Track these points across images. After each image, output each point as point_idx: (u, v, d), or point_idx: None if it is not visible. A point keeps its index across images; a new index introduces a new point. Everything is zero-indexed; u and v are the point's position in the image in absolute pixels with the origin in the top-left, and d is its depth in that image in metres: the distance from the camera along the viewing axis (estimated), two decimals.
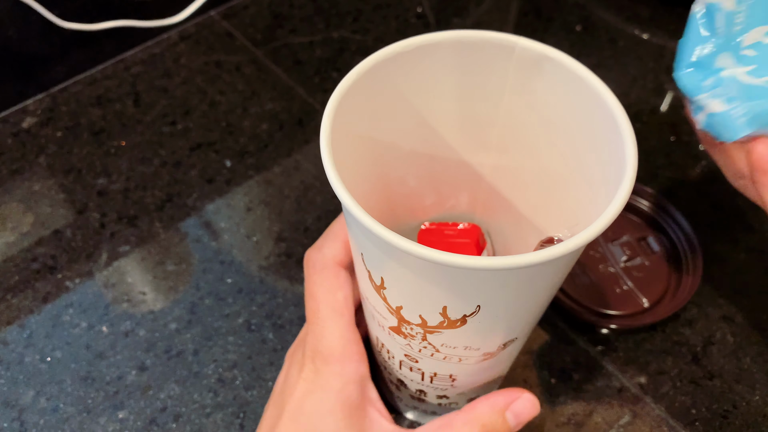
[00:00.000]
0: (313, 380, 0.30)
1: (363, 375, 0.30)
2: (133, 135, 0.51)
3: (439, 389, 0.31)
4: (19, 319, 0.42)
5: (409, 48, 0.25)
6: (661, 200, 0.44)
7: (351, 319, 0.31)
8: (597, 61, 0.57)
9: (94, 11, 0.60)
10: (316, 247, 0.32)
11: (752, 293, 0.43)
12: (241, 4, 0.61)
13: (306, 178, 0.49)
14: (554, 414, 0.38)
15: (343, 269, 0.31)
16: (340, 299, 0.30)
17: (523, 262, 0.19)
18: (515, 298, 0.23)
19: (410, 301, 0.23)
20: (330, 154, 0.22)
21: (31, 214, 0.47)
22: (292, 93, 0.54)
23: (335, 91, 0.24)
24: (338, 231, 0.32)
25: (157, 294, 0.43)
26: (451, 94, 0.27)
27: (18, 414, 0.38)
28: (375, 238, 0.21)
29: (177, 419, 0.38)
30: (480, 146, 0.29)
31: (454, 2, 0.62)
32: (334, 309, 0.30)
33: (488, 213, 0.33)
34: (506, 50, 0.25)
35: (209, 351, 0.41)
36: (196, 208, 0.47)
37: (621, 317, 0.41)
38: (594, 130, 0.24)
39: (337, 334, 0.30)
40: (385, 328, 0.27)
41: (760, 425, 0.38)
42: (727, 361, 0.40)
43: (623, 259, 0.43)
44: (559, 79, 0.25)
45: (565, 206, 0.27)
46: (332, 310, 0.30)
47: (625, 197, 0.21)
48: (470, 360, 0.27)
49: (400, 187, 0.30)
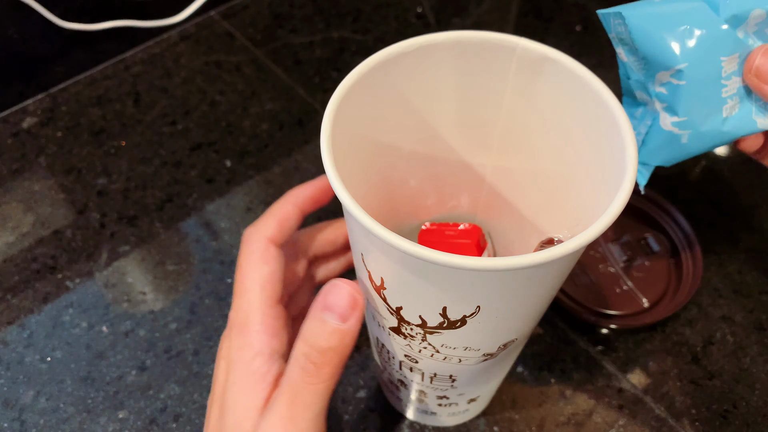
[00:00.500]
0: (228, 351, 0.30)
1: (274, 350, 0.29)
2: (133, 135, 0.51)
3: (439, 390, 0.31)
4: (19, 319, 0.42)
5: (410, 48, 0.25)
6: (661, 200, 0.44)
7: (273, 294, 0.31)
8: (597, 61, 0.57)
9: (94, 11, 0.60)
10: (253, 223, 0.33)
11: (752, 293, 0.43)
12: (241, 4, 0.61)
13: (306, 178, 0.49)
14: (554, 414, 0.38)
15: (273, 246, 0.31)
16: (265, 273, 0.31)
17: (522, 263, 0.19)
18: (515, 298, 0.23)
19: (410, 301, 0.23)
20: (330, 154, 0.22)
21: (31, 214, 0.47)
22: (292, 93, 0.54)
23: (336, 92, 0.24)
24: (275, 210, 0.32)
25: (157, 294, 0.43)
26: (452, 94, 0.27)
27: (18, 414, 0.38)
28: (375, 239, 0.20)
29: (177, 419, 0.38)
30: (481, 147, 0.29)
31: (454, 2, 0.62)
32: (256, 282, 0.30)
33: (489, 214, 0.33)
34: (507, 51, 0.25)
35: (209, 351, 0.41)
36: (196, 208, 0.47)
37: (621, 317, 0.41)
38: (594, 131, 0.24)
39: (255, 305, 0.30)
40: (385, 328, 0.27)
41: (760, 425, 0.38)
42: (727, 361, 0.40)
43: (623, 259, 0.43)
44: (560, 80, 0.25)
45: (566, 207, 0.27)
46: (254, 282, 0.30)
47: (626, 198, 0.21)
48: (470, 361, 0.27)
49: (401, 187, 0.30)
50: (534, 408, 0.38)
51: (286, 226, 0.32)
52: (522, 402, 0.39)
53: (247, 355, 0.29)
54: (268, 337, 0.29)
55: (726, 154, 0.51)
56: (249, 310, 0.30)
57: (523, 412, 0.38)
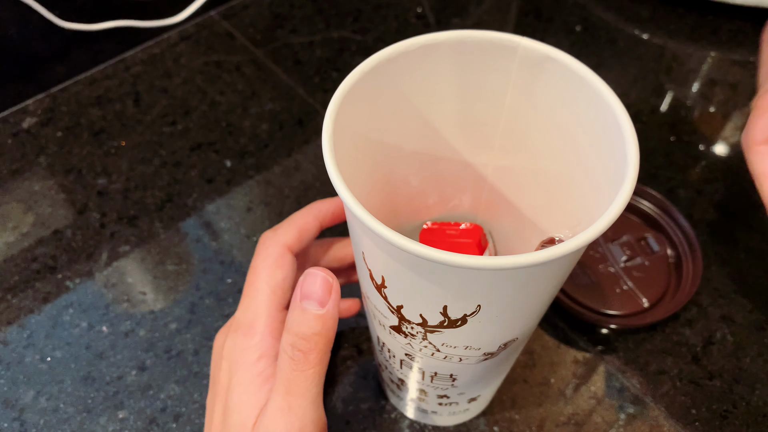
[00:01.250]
0: (231, 349, 0.30)
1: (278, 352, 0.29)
2: (133, 135, 0.51)
3: (440, 389, 0.31)
4: (19, 319, 0.42)
5: (412, 48, 0.25)
6: (661, 200, 0.44)
7: (283, 300, 0.31)
8: (597, 61, 0.57)
9: (94, 11, 0.60)
10: (272, 229, 0.33)
11: (752, 293, 0.43)
12: (241, 4, 0.61)
13: (306, 178, 0.49)
14: (554, 414, 0.38)
15: (290, 253, 0.32)
16: (279, 278, 0.31)
17: (523, 262, 0.19)
18: (516, 298, 0.23)
19: (411, 300, 0.23)
20: (332, 153, 0.22)
21: (31, 214, 0.47)
22: (292, 93, 0.54)
23: (337, 91, 0.24)
24: (296, 219, 0.33)
25: (157, 294, 0.43)
26: (454, 94, 0.27)
27: (18, 414, 0.38)
28: (376, 237, 0.20)
29: (177, 419, 0.38)
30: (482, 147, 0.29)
31: (454, 2, 0.62)
32: (269, 285, 0.31)
33: (490, 213, 0.33)
34: (509, 50, 0.25)
35: (209, 351, 0.41)
36: (196, 208, 0.47)
37: (621, 317, 0.41)
38: (596, 131, 0.24)
39: (263, 307, 0.30)
40: (385, 327, 0.27)
41: (760, 425, 0.38)
42: (727, 361, 0.40)
43: (623, 259, 0.43)
44: (562, 80, 0.25)
45: (568, 207, 0.27)
46: (267, 285, 0.31)
47: (627, 197, 0.21)
48: (471, 360, 0.27)
49: (402, 186, 0.30)
50: (534, 408, 0.39)
51: (304, 237, 0.33)
52: (522, 402, 0.39)
53: (252, 357, 0.29)
54: (273, 340, 0.30)
55: (726, 154, 0.51)
56: (257, 312, 0.30)
57: (523, 412, 0.38)
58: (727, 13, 0.60)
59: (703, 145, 0.51)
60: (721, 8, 0.61)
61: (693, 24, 0.60)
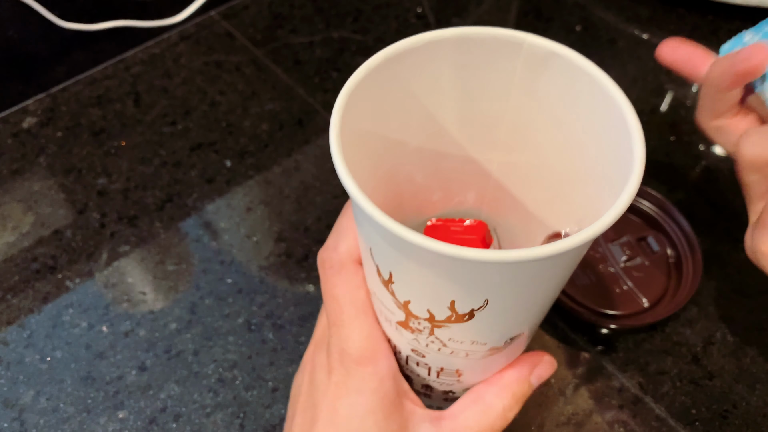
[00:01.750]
0: (345, 383, 0.28)
1: (395, 369, 0.29)
2: (133, 135, 0.51)
3: (446, 384, 0.31)
4: (19, 319, 0.42)
5: (417, 45, 0.25)
6: (661, 200, 0.45)
7: (375, 317, 0.29)
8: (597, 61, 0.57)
9: (94, 11, 0.60)
10: (330, 246, 0.30)
11: (752, 293, 0.43)
12: (241, 4, 0.61)
13: (306, 178, 0.49)
14: (554, 414, 0.38)
15: (360, 266, 0.30)
16: (362, 297, 0.29)
17: (531, 255, 0.19)
18: (523, 292, 0.23)
19: (418, 295, 0.23)
20: (340, 150, 0.22)
21: (31, 214, 0.47)
22: (292, 93, 0.54)
23: (344, 88, 0.24)
24: (347, 227, 0.30)
25: (157, 294, 0.43)
26: (458, 90, 0.27)
27: (18, 414, 0.38)
28: (385, 233, 0.21)
29: (177, 419, 0.38)
30: (487, 143, 0.29)
31: (454, 2, 0.62)
32: (358, 308, 0.29)
33: (495, 210, 0.33)
34: (514, 47, 0.25)
35: (209, 351, 0.40)
36: (196, 208, 0.47)
37: (621, 317, 0.41)
38: (602, 127, 0.24)
39: (365, 333, 0.29)
40: (392, 323, 0.27)
41: (760, 425, 0.38)
42: (727, 361, 0.40)
43: (623, 259, 0.43)
44: (567, 76, 0.25)
45: (572, 203, 0.27)
46: (356, 309, 0.29)
47: (634, 191, 0.21)
48: (477, 355, 0.27)
49: (407, 183, 0.30)
50: (534, 408, 0.38)
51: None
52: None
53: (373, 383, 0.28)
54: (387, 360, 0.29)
55: (726, 154, 0.51)
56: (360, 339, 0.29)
57: (523, 412, 0.38)
58: (727, 13, 0.61)
59: (703, 145, 0.51)
60: (721, 8, 0.61)
61: (693, 24, 0.60)
